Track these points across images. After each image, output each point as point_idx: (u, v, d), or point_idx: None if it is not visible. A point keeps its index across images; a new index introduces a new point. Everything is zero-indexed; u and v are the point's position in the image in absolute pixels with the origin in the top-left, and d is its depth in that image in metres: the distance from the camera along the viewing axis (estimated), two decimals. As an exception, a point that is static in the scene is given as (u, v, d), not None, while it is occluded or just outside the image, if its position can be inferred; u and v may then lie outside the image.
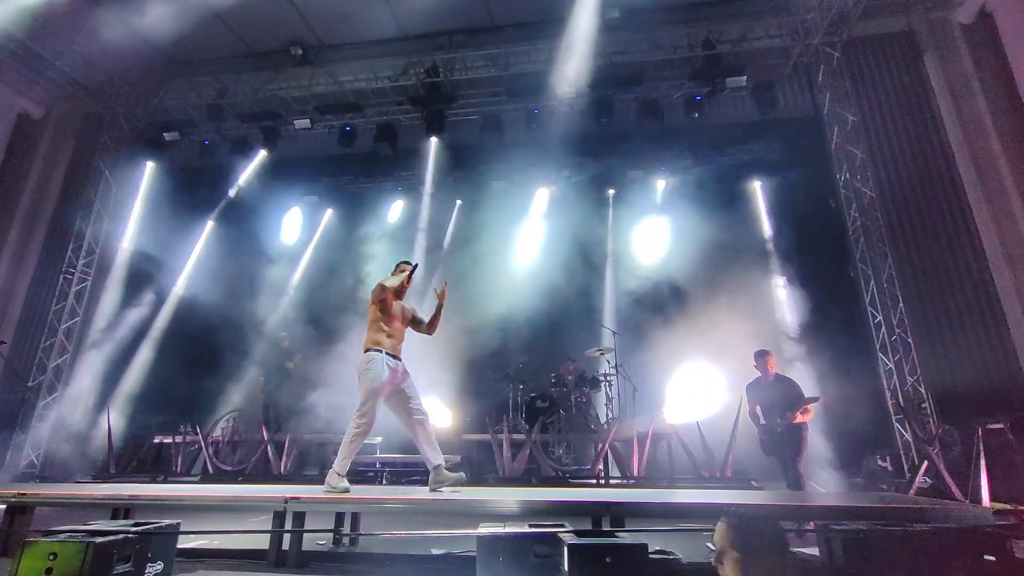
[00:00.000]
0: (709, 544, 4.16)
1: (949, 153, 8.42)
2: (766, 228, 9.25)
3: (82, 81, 9.73)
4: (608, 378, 8.48)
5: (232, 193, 11.10)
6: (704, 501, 3.82)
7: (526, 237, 10.26)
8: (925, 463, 6.08)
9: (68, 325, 9.63)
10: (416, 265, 4.33)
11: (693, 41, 9.08)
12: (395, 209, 11.05)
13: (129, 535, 2.62)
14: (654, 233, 9.80)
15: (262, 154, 10.76)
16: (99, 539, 2.44)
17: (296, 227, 11.37)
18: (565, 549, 2.69)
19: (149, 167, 10.60)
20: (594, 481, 6.89)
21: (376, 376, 3.97)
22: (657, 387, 8.33)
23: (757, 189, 9.64)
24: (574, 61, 8.56)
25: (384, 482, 7.33)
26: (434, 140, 10.07)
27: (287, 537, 3.72)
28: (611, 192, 10.38)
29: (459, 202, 11.10)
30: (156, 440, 8.51)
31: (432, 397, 8.82)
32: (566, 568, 2.67)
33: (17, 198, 9.62)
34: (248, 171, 10.95)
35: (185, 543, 3.84)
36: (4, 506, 3.95)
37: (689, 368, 7.93)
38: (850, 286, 8.30)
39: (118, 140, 10.29)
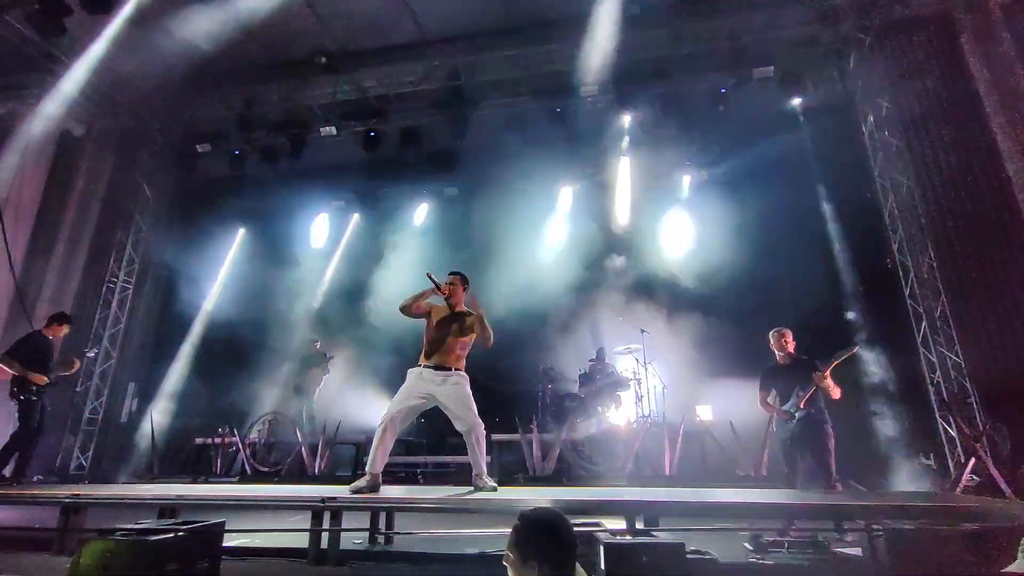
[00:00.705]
0: (746, 544, 4.10)
1: (991, 138, 8.06)
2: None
3: (119, 98, 10.12)
4: (637, 376, 8.42)
5: (262, 201, 11.42)
6: (740, 501, 3.76)
7: (551, 236, 10.26)
8: (972, 460, 5.86)
9: (112, 332, 10.03)
10: (430, 276, 4.28)
11: (717, 32, 8.91)
12: (420, 212, 11.19)
13: (179, 534, 2.73)
14: (680, 229, 9.69)
15: (290, 162, 11.03)
16: (152, 537, 2.56)
17: (324, 232, 11.61)
18: (601, 548, 2.69)
19: (183, 178, 10.99)
20: (625, 480, 6.85)
21: (405, 384, 4.24)
22: (687, 385, 8.22)
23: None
24: (596, 58, 8.51)
25: (420, 482, 7.43)
26: (457, 143, 10.16)
27: (325, 535, 3.80)
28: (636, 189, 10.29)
29: (482, 203, 11.18)
30: (197, 442, 8.79)
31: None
32: (603, 567, 2.66)
33: (62, 213, 10.06)
34: (277, 179, 11.26)
35: (229, 541, 3.96)
36: (59, 506, 4.15)
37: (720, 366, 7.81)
38: (888, 278, 8.04)
39: (154, 154, 10.68)
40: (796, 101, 8.97)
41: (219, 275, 11.18)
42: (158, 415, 9.44)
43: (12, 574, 3.47)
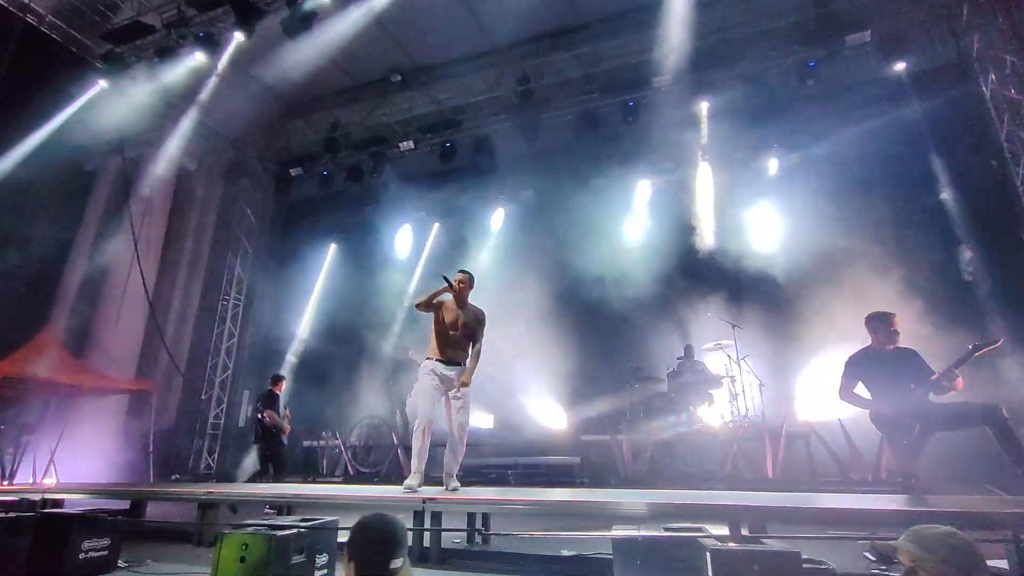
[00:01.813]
0: (867, 554, 3.77)
1: None
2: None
3: (224, 133, 11.24)
4: (730, 373, 8.00)
5: (349, 217, 12.17)
6: (856, 507, 3.45)
7: (630, 233, 10.02)
8: None
9: (228, 345, 11.11)
10: (445, 277, 4.58)
11: (801, 1, 8.29)
12: (497, 217, 11.38)
13: (301, 530, 2.97)
14: (770, 216, 9.11)
15: (373, 178, 11.66)
16: (279, 532, 2.81)
17: (408, 242, 12.13)
18: (708, 555, 2.58)
19: (281, 201, 11.97)
20: (723, 483, 6.53)
21: (421, 380, 4.43)
22: (788, 381, 7.71)
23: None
24: (668, 46, 8.22)
25: (511, 483, 7.54)
26: (530, 145, 10.22)
27: (427, 534, 3.97)
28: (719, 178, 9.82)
29: (558, 203, 11.17)
30: (304, 444, 9.49)
31: (547, 398, 8.94)
32: (710, 574, 2.55)
33: (182, 241, 11.34)
34: (362, 195, 11.94)
35: (341, 537, 4.24)
36: (196, 503, 4.65)
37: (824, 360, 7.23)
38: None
39: (255, 181, 11.72)
40: (899, 66, 8.10)
41: (315, 288, 12.03)
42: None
43: (165, 562, 3.93)
